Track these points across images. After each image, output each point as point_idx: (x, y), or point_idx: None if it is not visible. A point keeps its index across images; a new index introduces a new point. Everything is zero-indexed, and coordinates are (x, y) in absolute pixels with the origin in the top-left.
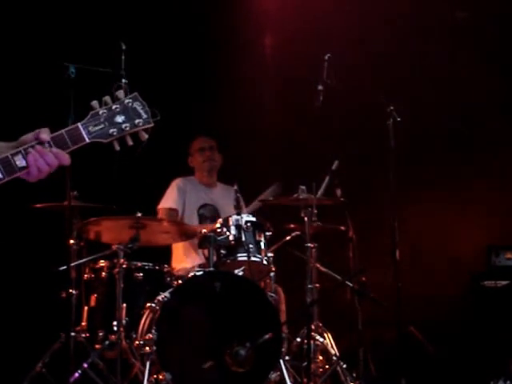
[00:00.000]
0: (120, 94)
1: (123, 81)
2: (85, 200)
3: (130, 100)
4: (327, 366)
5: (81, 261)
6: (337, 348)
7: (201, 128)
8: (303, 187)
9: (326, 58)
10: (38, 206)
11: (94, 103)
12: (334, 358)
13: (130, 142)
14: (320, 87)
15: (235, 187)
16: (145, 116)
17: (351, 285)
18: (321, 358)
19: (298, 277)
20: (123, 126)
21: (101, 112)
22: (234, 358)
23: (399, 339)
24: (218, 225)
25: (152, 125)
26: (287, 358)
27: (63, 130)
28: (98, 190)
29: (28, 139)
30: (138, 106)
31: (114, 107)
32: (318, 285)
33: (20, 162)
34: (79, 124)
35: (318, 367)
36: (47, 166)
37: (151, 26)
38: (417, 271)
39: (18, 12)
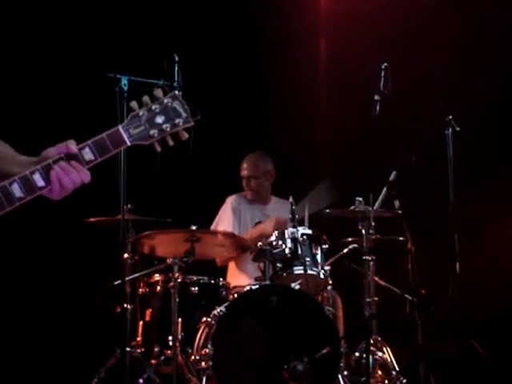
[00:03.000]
0: (159, 93)
1: (176, 93)
2: (139, 213)
3: (170, 99)
4: (386, 382)
5: (135, 275)
6: (396, 363)
7: (256, 138)
8: (360, 199)
9: (383, 67)
10: (92, 220)
11: (134, 104)
12: (394, 373)
13: (171, 143)
14: (377, 97)
15: (291, 200)
16: (184, 115)
17: (410, 298)
18: (380, 373)
19: (355, 290)
20: (163, 126)
21: (141, 113)
22: (291, 373)
23: (461, 354)
24: (274, 238)
25: (192, 124)
26: (346, 373)
27: (104, 134)
28: (152, 203)
29: (50, 153)
30: (177, 105)
31: (153, 107)
32: (376, 298)
33: (38, 180)
34: (120, 127)
35: (377, 382)
36: (71, 184)
37: (205, 37)
38: (479, 284)
39: (71, 23)
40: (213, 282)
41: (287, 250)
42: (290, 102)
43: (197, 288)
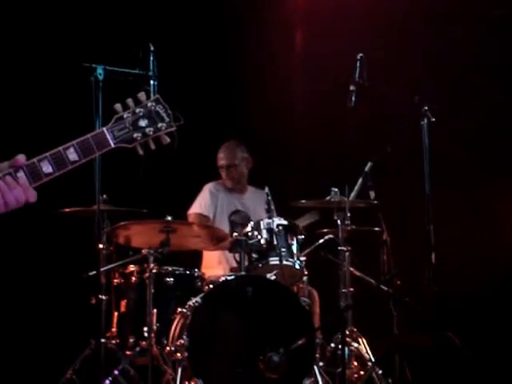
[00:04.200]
0: (142, 96)
1: (152, 82)
2: (114, 204)
3: (153, 103)
4: (362, 372)
5: (110, 266)
6: (372, 353)
7: (231, 128)
8: (336, 189)
9: (359, 57)
10: (67, 210)
11: (118, 106)
12: (369, 363)
13: (153, 146)
14: (352, 87)
15: (266, 190)
16: (167, 120)
17: (386, 289)
18: (355, 364)
19: (331, 281)
20: (147, 130)
21: (125, 116)
22: (267, 364)
23: (436, 345)
24: (249, 228)
25: (174, 128)
26: (321, 364)
27: (89, 135)
28: (127, 194)
29: (2, 167)
30: (160, 109)
31: (137, 111)
32: (351, 289)
33: None
34: (105, 129)
35: (353, 373)
36: (14, 202)
37: (180, 27)
38: (454, 275)
39: (45, 13)
40: (188, 272)
41: (263, 241)
42: (265, 92)
43: (172, 279)
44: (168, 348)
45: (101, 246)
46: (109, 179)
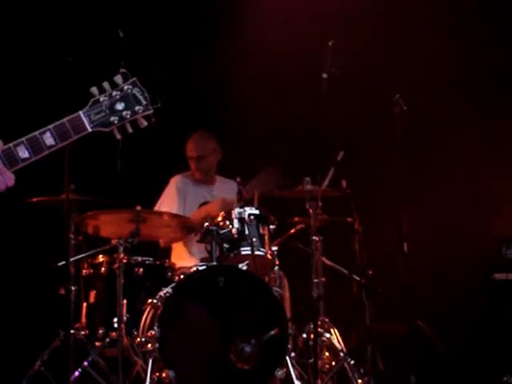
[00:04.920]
0: (118, 79)
1: (121, 70)
2: (82, 193)
3: (130, 86)
4: (334, 363)
5: (80, 256)
6: (344, 344)
7: (200, 118)
8: (308, 179)
9: (330, 44)
10: (35, 200)
11: (94, 89)
12: (341, 354)
13: (130, 130)
14: (324, 75)
15: (238, 180)
16: (144, 103)
17: (358, 279)
18: (327, 354)
19: (303, 271)
20: (124, 113)
21: (101, 99)
22: (238, 355)
23: (408, 335)
24: (220, 218)
25: (152, 111)
26: (293, 354)
27: (65, 119)
28: (95, 183)
29: None
30: (137, 92)
31: (114, 94)
32: (323, 279)
33: None
34: (81, 112)
35: (325, 364)
36: None
37: (149, 14)
38: (426, 265)
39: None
40: (158, 263)
41: (234, 231)
42: (235, 81)
43: (142, 269)
44: (138, 339)
45: (70, 236)
46: (77, 168)
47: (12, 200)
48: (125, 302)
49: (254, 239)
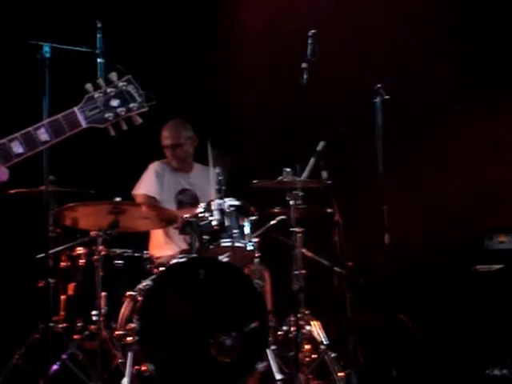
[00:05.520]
0: (113, 76)
1: (99, 60)
2: (61, 185)
3: (125, 83)
4: (314, 355)
5: (58, 248)
6: (324, 336)
7: (177, 106)
8: (288, 169)
9: (310, 34)
10: (12, 191)
11: (88, 86)
12: (322, 346)
13: (125, 127)
14: (304, 65)
15: (217, 170)
16: (139, 100)
17: (339, 270)
18: (308, 347)
19: (283, 263)
20: (118, 110)
21: (96, 96)
22: (219, 348)
23: (389, 327)
24: (199, 209)
25: (147, 109)
26: (273, 347)
27: (60, 115)
28: (74, 175)
29: None
30: (132, 89)
31: (108, 90)
32: (304, 271)
33: None
34: (76, 108)
35: (305, 356)
36: None
37: (128, 3)
38: (408, 256)
39: None
40: (137, 254)
41: (214, 222)
42: (214, 69)
43: (121, 261)
44: (117, 332)
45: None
46: (55, 159)
47: None
48: (104, 294)
49: (234, 231)
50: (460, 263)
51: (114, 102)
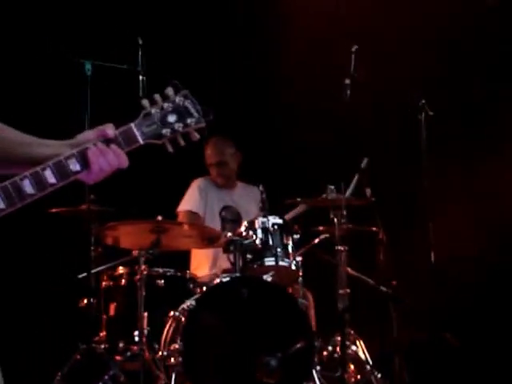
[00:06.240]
0: (169, 91)
1: (140, 78)
2: (102, 203)
3: (182, 98)
4: (360, 376)
5: (100, 268)
6: (370, 356)
7: (221, 123)
8: (332, 187)
9: (353, 49)
10: (54, 210)
11: (145, 102)
12: (368, 367)
13: (182, 143)
14: (347, 81)
15: (261, 188)
16: (197, 115)
17: (384, 289)
18: (352, 367)
19: (327, 281)
20: (176, 126)
21: (153, 111)
22: (264, 369)
23: (435, 346)
24: (243, 228)
25: (204, 125)
26: (318, 368)
27: (117, 131)
28: (115, 193)
29: (87, 136)
30: (189, 104)
31: (165, 106)
32: (348, 290)
33: (74, 165)
34: (132, 124)
35: (351, 377)
36: (108, 166)
37: (169, 21)
38: (454, 275)
39: (33, 6)
40: (179, 274)
41: (258, 241)
42: (259, 86)
43: (163, 281)
44: (161, 353)
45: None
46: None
47: (33, 210)
48: (145, 314)
49: (278, 249)
50: (507, 282)
51: (171, 118)
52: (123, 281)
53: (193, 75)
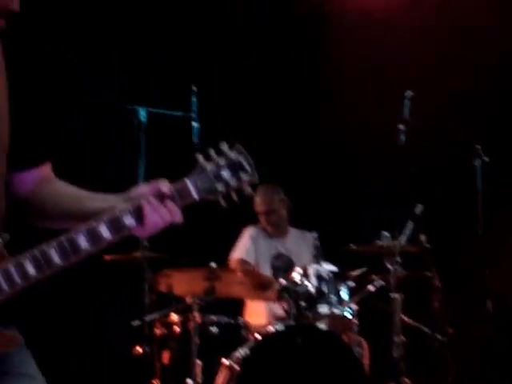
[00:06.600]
0: (223, 146)
1: (194, 124)
2: (155, 250)
3: (236, 153)
4: None
5: (153, 315)
6: None
7: (272, 171)
8: (386, 233)
9: (407, 95)
10: (108, 258)
11: (199, 157)
12: None
13: (236, 198)
14: (401, 126)
15: (314, 235)
16: (250, 170)
17: (440, 338)
18: None
19: (382, 329)
20: (229, 181)
21: (208, 167)
22: None
23: None
24: (296, 275)
25: (257, 179)
26: None
27: (171, 187)
28: (168, 240)
29: (141, 191)
30: (242, 159)
31: (219, 161)
32: (403, 338)
33: (129, 220)
34: (186, 179)
35: None
36: (162, 222)
37: (223, 68)
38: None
39: (88, 54)
40: (233, 321)
41: (312, 288)
42: (309, 134)
43: (216, 328)
44: None
45: (144, 294)
46: None
47: (87, 257)
48: (199, 362)
49: (332, 297)
50: None
51: (225, 173)
52: (177, 328)
53: (246, 125)
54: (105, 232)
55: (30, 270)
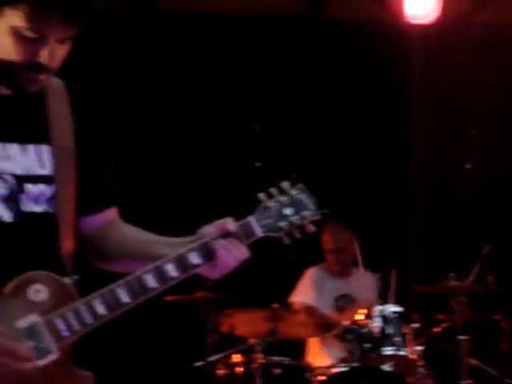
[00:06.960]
0: (285, 185)
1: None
2: (217, 291)
3: (298, 191)
4: None
5: (217, 356)
6: None
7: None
8: (452, 274)
9: (473, 133)
10: (170, 298)
11: (262, 196)
12: None
13: (298, 235)
14: (468, 166)
15: (379, 275)
16: (312, 208)
17: (509, 381)
18: None
19: (449, 372)
20: (292, 218)
21: (270, 205)
22: None
23: None
24: (359, 315)
25: (320, 217)
26: None
27: (237, 225)
28: (229, 280)
29: (207, 231)
30: (304, 197)
31: (282, 199)
32: (471, 381)
33: (195, 259)
34: (250, 218)
35: None
36: (234, 262)
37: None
38: None
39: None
40: (296, 363)
41: (376, 329)
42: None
43: (280, 370)
44: None
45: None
46: None
47: (150, 298)
48: None
49: (397, 338)
50: None
51: (288, 211)
52: (239, 369)
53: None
54: (171, 271)
55: (100, 309)
